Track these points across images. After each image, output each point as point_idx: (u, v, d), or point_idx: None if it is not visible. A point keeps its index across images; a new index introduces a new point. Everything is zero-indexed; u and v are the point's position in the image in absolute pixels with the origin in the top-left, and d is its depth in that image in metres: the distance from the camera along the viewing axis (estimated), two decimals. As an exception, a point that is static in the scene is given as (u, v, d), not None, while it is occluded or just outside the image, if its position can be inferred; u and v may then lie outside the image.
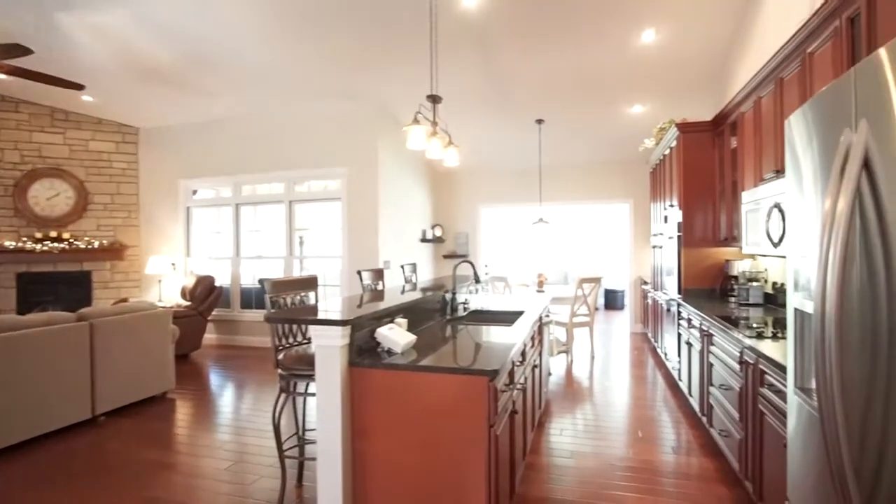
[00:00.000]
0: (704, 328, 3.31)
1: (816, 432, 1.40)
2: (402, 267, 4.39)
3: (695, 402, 3.68)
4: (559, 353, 6.19)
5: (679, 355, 4.31)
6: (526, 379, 2.80)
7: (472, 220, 8.38)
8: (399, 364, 2.03)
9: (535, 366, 3.17)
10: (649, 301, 6.44)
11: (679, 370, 4.31)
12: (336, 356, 2.03)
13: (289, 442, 2.97)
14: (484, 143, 7.26)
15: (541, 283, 6.46)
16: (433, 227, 8.30)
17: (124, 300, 6.95)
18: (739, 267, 4.01)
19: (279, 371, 2.58)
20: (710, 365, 3.18)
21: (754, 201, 2.98)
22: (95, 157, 7.09)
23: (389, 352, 2.23)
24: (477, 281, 3.45)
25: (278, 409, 2.57)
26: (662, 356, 5.30)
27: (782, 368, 1.94)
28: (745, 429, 2.48)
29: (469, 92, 5.73)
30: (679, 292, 4.39)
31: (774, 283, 3.71)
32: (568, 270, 10.70)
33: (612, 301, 10.37)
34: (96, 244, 6.85)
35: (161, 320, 4.48)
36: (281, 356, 2.61)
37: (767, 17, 3.62)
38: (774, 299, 3.70)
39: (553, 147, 7.09)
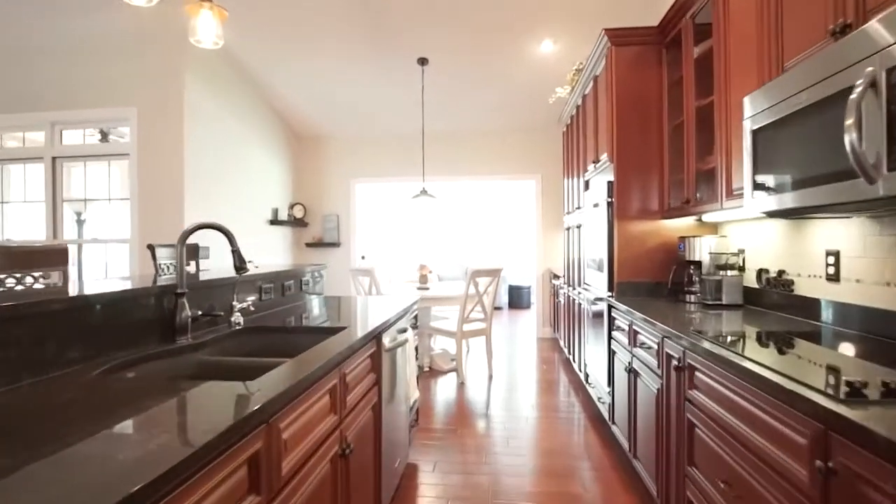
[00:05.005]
0: (675, 354, 1.79)
1: None
2: (151, 248, 2.47)
3: (649, 480, 2.17)
4: (448, 371, 4.57)
5: (611, 384, 2.83)
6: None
7: (345, 198, 6.52)
8: None
9: (342, 454, 1.44)
10: (561, 300, 5.03)
11: (611, 407, 2.83)
12: None
13: None
14: (357, 99, 5.44)
15: (423, 278, 4.79)
16: (292, 206, 6.33)
17: None
18: (700, 247, 2.59)
19: None
20: (691, 425, 1.65)
21: (786, 100, 1.47)
22: None
23: None
24: (238, 269, 1.66)
25: None
26: (581, 375, 3.85)
27: None
28: None
29: (332, 19, 3.90)
30: (610, 289, 2.90)
31: (763, 271, 2.30)
32: (468, 263, 9.19)
33: (518, 299, 9.04)
34: None
35: None
36: None
37: None
38: (758, 298, 2.30)
39: (441, 103, 5.45)
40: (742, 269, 2.47)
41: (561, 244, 5.92)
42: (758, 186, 1.65)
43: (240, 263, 1.66)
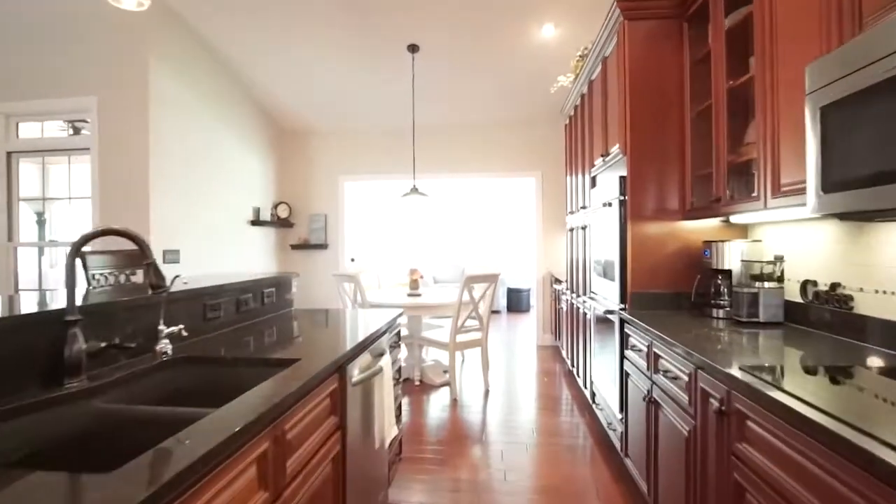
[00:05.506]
0: (715, 393, 1.42)
1: None
2: (82, 256, 2.09)
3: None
4: (440, 385, 4.20)
5: (623, 410, 2.46)
6: None
7: (333, 197, 6.13)
8: None
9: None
10: (563, 307, 4.66)
11: (624, 437, 2.46)
12: None
13: None
14: (345, 91, 5.06)
15: (414, 284, 4.41)
16: (276, 205, 5.95)
17: None
18: (730, 253, 2.22)
19: None
20: (740, 489, 1.28)
21: (879, 62, 1.09)
22: None
23: None
24: (155, 287, 1.28)
25: None
26: (586, 392, 3.48)
27: None
28: None
29: (315, 3, 3.52)
30: (623, 300, 2.53)
31: (809, 283, 1.93)
32: (465, 265, 8.81)
33: (517, 302, 8.66)
34: None
35: None
36: None
37: None
38: (803, 315, 1.93)
39: (433, 94, 5.07)
40: (781, 279, 2.10)
41: (563, 246, 5.55)
42: (828, 181, 1.27)
43: (157, 280, 1.28)
